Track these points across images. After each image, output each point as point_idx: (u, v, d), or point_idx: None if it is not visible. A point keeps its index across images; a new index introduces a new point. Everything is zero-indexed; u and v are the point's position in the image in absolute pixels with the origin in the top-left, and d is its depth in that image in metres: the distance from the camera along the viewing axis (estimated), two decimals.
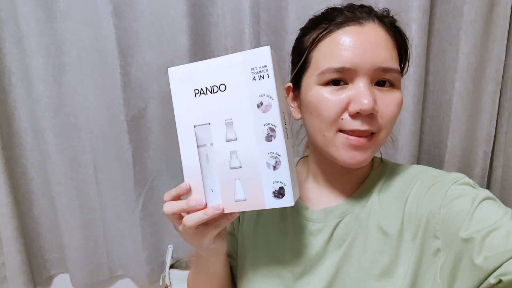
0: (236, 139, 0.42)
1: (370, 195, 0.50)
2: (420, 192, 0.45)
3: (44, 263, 0.93)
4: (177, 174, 0.89)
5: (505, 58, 0.76)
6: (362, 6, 0.47)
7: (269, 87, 0.40)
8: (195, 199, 0.43)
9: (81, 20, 0.80)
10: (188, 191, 0.44)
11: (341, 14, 0.45)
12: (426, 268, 0.42)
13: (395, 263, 0.44)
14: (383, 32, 0.45)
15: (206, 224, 0.43)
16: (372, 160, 0.54)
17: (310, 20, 0.51)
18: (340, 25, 0.45)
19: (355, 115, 0.43)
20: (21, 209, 0.88)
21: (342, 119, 0.44)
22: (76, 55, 0.82)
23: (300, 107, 0.51)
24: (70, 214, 0.88)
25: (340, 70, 0.43)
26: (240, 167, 0.42)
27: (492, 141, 0.80)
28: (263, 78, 0.40)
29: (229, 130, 0.42)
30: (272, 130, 0.41)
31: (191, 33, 0.79)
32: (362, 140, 0.43)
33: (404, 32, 0.49)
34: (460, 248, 0.38)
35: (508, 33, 0.75)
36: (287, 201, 0.41)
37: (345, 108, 0.43)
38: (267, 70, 0.40)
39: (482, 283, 0.36)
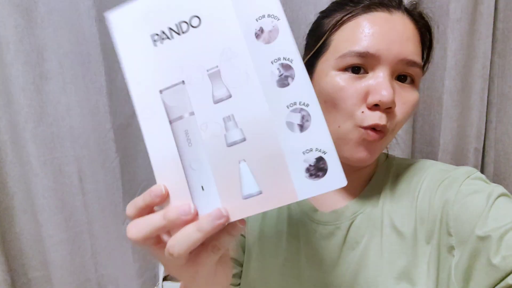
0: (230, 96, 0.28)
1: (380, 193, 0.48)
2: (431, 188, 0.43)
3: (28, 282, 0.88)
4: None
5: (491, 55, 0.77)
6: None
7: (269, 1, 0.26)
8: (176, 207, 0.28)
9: (63, 26, 0.77)
10: (165, 198, 0.28)
11: None
12: (443, 267, 0.41)
13: (413, 264, 0.42)
14: (412, 25, 0.43)
15: (201, 245, 0.28)
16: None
17: (333, 2, 0.48)
18: (367, 9, 0.42)
19: (373, 107, 0.40)
20: (2, 225, 0.83)
21: (362, 112, 0.41)
22: (58, 62, 0.79)
23: None
24: (54, 228, 0.83)
25: (363, 55, 0.40)
26: (244, 139, 0.27)
27: (482, 138, 0.81)
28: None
29: (216, 84, 0.28)
30: (287, 67, 0.27)
31: None
32: (376, 136, 0.41)
33: (433, 29, 0.47)
34: (476, 246, 0.36)
35: (493, 30, 0.76)
36: (336, 179, 0.25)
37: (364, 100, 0.41)
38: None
39: (499, 283, 0.34)
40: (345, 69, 0.42)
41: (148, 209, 0.30)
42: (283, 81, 0.27)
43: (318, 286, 0.47)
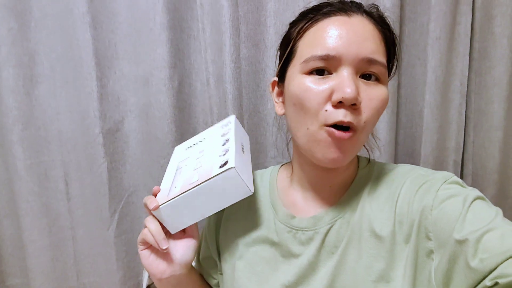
0: (203, 155, 0.54)
1: (359, 198, 0.48)
2: (410, 192, 0.44)
3: None
4: None
5: (468, 73, 0.82)
6: (352, 1, 0.47)
7: (230, 127, 0.57)
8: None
9: (57, 31, 0.78)
10: (156, 192, 0.52)
11: (329, 6, 0.46)
12: (421, 270, 0.42)
13: (390, 267, 0.43)
14: (372, 26, 0.45)
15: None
16: (358, 161, 0.53)
17: (300, 13, 0.51)
18: (327, 14, 0.45)
19: (337, 105, 0.42)
20: None
21: (326, 110, 0.42)
22: (49, 66, 0.79)
23: (284, 102, 0.50)
24: (37, 234, 0.82)
25: (324, 58, 0.42)
26: (201, 166, 0.50)
27: (461, 151, 0.85)
28: (227, 125, 0.59)
29: (200, 153, 0.55)
30: (228, 140, 0.52)
31: (170, 45, 0.79)
32: (344, 135, 0.42)
33: (393, 28, 0.49)
34: (454, 250, 0.37)
35: (470, 50, 0.81)
36: (229, 165, 0.45)
37: (328, 98, 0.42)
38: (230, 122, 0.59)
39: (477, 285, 0.35)
40: (310, 72, 0.44)
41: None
42: (224, 144, 0.53)
43: None
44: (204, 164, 0.50)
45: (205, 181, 0.46)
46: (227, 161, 0.46)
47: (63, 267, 0.85)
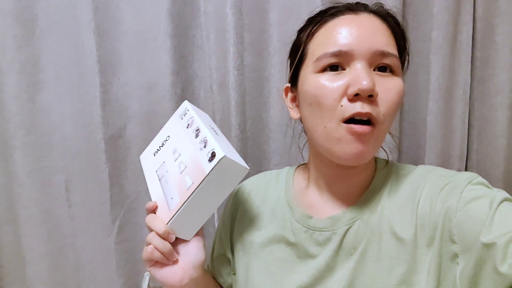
0: (180, 155, 0.52)
1: (379, 199, 0.47)
2: (432, 194, 0.43)
3: None
4: None
5: (470, 81, 0.82)
6: (357, 3, 0.48)
7: (190, 115, 0.55)
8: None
9: (62, 38, 0.79)
10: (154, 208, 0.51)
11: (336, 7, 0.47)
12: (445, 274, 0.40)
13: (412, 271, 0.42)
14: (379, 21, 0.45)
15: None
16: (376, 162, 0.53)
17: (307, 19, 0.52)
18: (334, 15, 0.46)
19: (354, 98, 0.41)
20: None
21: (342, 105, 0.42)
22: (54, 72, 0.80)
23: (298, 105, 0.50)
24: (36, 241, 0.81)
25: (337, 54, 0.42)
26: (186, 166, 0.49)
27: (465, 159, 0.84)
28: (186, 114, 0.56)
29: (175, 153, 0.54)
30: (198, 130, 0.51)
31: (174, 52, 0.79)
32: (365, 128, 0.41)
33: (401, 22, 0.49)
34: (481, 254, 0.36)
35: (472, 58, 0.81)
36: (219, 156, 0.44)
37: (344, 94, 0.42)
38: (187, 110, 0.57)
39: None
40: (323, 70, 0.44)
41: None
42: (197, 135, 0.51)
43: None
44: (188, 163, 0.49)
45: (202, 180, 0.45)
46: (213, 152, 0.45)
47: (63, 275, 0.83)
